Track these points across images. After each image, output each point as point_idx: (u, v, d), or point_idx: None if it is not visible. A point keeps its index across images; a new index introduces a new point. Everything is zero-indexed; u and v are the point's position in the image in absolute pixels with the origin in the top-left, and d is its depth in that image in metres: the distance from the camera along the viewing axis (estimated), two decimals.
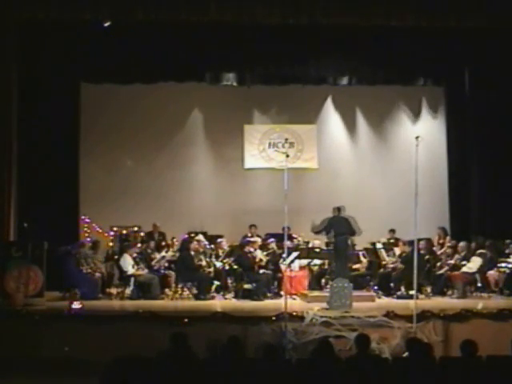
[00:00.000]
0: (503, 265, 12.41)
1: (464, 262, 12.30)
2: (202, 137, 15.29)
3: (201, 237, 13.09)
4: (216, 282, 12.25)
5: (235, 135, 15.33)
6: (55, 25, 12.66)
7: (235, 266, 12.22)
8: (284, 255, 11.15)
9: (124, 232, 14.14)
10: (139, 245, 13.12)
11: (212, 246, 13.06)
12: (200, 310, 10.43)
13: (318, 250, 12.60)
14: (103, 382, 6.06)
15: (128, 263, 12.03)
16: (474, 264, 12.17)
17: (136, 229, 14.13)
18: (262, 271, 12.10)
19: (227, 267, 12.36)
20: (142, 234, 13.97)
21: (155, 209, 14.39)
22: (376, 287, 12.42)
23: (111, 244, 14.00)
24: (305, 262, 12.61)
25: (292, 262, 12.19)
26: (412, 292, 10.37)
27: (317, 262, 12.61)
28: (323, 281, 12.48)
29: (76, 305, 10.44)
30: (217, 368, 6.14)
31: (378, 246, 13.17)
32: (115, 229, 14.21)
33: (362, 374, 6.19)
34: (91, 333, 9.49)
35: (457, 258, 12.55)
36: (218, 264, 12.44)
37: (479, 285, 12.25)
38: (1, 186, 12.32)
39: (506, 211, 14.08)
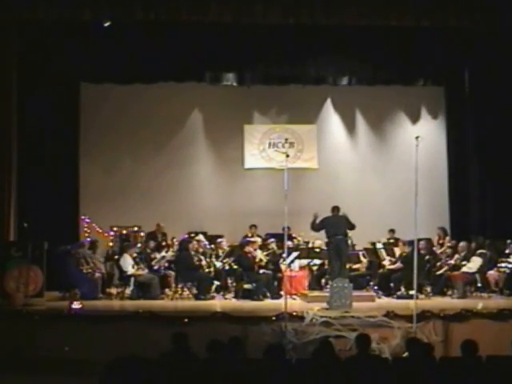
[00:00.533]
0: (503, 265, 12.40)
1: (464, 262, 12.30)
2: (201, 137, 15.29)
3: (201, 237, 13.09)
4: (216, 282, 12.25)
5: (235, 135, 15.34)
6: (55, 25, 12.65)
7: (235, 266, 12.22)
8: (284, 255, 11.15)
9: (124, 232, 14.14)
10: (139, 245, 13.12)
11: (212, 245, 13.06)
12: (200, 310, 10.43)
13: (317, 249, 12.61)
14: (103, 382, 6.05)
15: (128, 263, 12.03)
16: (474, 264, 12.17)
17: (136, 229, 14.14)
18: (262, 271, 12.09)
19: (227, 267, 12.36)
20: (141, 234, 13.98)
21: (155, 209, 14.39)
22: (376, 287, 12.42)
23: (111, 244, 13.99)
24: (305, 262, 12.63)
25: (292, 261, 12.19)
26: (412, 292, 10.37)
27: (317, 261, 12.62)
28: (323, 281, 12.48)
29: (76, 305, 10.43)
30: (217, 368, 6.13)
31: (378, 245, 13.17)
32: (115, 229, 14.20)
33: (362, 374, 6.18)
34: (91, 333, 9.49)
35: (457, 257, 12.55)
36: (218, 264, 12.44)
37: (479, 285, 12.25)
38: (1, 186, 12.31)
39: (506, 211, 14.09)
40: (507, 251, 12.65)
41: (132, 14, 12.02)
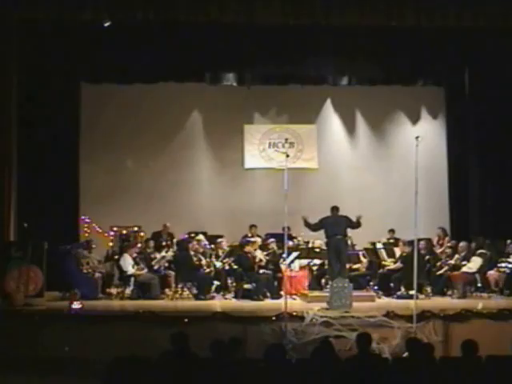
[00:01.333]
0: (503, 265, 12.40)
1: (464, 262, 12.30)
2: (201, 137, 15.29)
3: (201, 237, 13.08)
4: (216, 282, 12.25)
5: (235, 135, 15.34)
6: (55, 25, 12.65)
7: (235, 266, 12.21)
8: (284, 255, 11.16)
9: (124, 232, 14.14)
10: (139, 245, 13.13)
11: (212, 246, 13.05)
12: (200, 310, 10.43)
13: (317, 250, 12.61)
14: (103, 382, 6.05)
15: (128, 263, 12.03)
16: (474, 264, 12.17)
17: (136, 229, 14.14)
18: (262, 271, 12.08)
19: (227, 267, 12.36)
20: (141, 234, 13.98)
21: (155, 209, 14.38)
22: (376, 287, 12.42)
23: (111, 244, 13.99)
24: (305, 262, 12.63)
25: (292, 262, 12.20)
26: (412, 292, 10.37)
27: (317, 261, 12.63)
28: (323, 281, 12.48)
29: (76, 305, 10.43)
30: (217, 368, 6.13)
31: (378, 245, 13.18)
32: (115, 229, 14.20)
33: (362, 374, 6.18)
34: (91, 333, 9.48)
35: (457, 258, 12.55)
36: (218, 264, 12.44)
37: (479, 285, 12.25)
38: (1, 186, 12.31)
39: (506, 211, 14.09)
40: (507, 251, 12.65)
41: (132, 14, 12.02)
